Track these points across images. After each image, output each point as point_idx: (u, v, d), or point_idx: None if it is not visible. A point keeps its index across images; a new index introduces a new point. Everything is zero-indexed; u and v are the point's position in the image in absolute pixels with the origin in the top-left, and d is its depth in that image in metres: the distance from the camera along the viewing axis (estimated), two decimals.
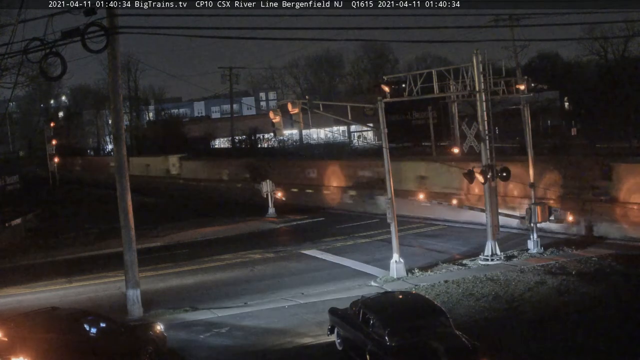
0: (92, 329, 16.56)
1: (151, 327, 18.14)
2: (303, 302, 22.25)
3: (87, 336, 16.41)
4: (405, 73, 29.73)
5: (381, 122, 25.11)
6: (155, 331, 17.98)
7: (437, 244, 30.42)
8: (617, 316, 18.44)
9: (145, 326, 18.32)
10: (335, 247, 31.22)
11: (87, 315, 17.37)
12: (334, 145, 65.76)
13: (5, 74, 35.77)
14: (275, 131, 27.65)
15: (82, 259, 32.61)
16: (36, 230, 41.30)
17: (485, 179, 25.49)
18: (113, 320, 17.62)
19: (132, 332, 17.55)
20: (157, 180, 69.35)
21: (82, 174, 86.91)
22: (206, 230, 38.32)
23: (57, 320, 16.93)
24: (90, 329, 16.53)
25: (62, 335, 16.09)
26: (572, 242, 27.91)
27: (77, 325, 16.59)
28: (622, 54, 72.95)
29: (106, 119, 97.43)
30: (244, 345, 18.59)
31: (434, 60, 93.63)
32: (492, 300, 20.77)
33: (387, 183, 25.22)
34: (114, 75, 20.44)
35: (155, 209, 48.54)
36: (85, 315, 17.48)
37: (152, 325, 18.33)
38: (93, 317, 17.25)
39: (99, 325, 16.74)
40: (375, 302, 16.85)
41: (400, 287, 22.93)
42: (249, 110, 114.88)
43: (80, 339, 16.27)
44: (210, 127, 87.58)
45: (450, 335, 15.04)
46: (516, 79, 27.92)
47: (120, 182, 20.38)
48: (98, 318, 17.21)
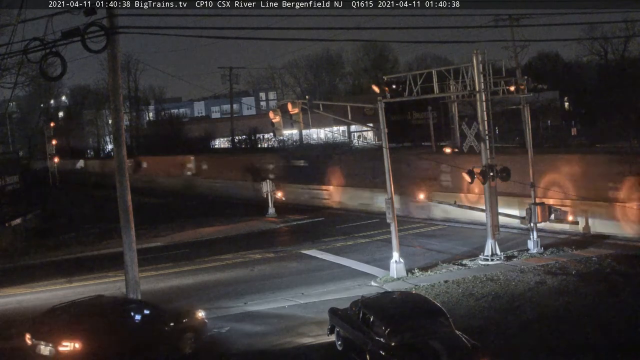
0: (136, 315, 17.32)
1: (192, 314, 18.67)
2: (303, 302, 22.26)
3: (131, 322, 17.17)
4: (405, 73, 29.74)
5: (381, 122, 25.10)
6: (197, 318, 18.59)
7: (437, 244, 30.43)
8: (617, 316, 18.43)
9: (187, 313, 18.82)
10: (335, 247, 31.23)
11: (131, 303, 18.34)
12: (334, 145, 65.71)
13: (5, 74, 35.84)
14: (275, 131, 27.67)
15: (82, 259, 32.61)
16: (36, 230, 41.29)
17: (485, 179, 25.49)
18: (156, 307, 18.25)
19: (174, 319, 18.08)
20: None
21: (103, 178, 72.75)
22: (206, 230, 38.34)
23: (102, 307, 17.80)
24: (134, 315, 17.29)
25: (108, 321, 16.85)
26: (572, 242, 27.92)
27: (122, 311, 17.43)
28: (622, 54, 73.06)
29: (106, 119, 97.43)
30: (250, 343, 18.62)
31: (434, 60, 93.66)
32: (492, 300, 20.77)
33: (387, 183, 25.21)
34: (114, 75, 20.41)
35: (156, 209, 48.56)
36: (130, 302, 18.55)
37: (194, 312, 18.83)
38: (137, 304, 18.14)
39: (142, 311, 17.49)
40: (375, 302, 16.85)
41: (400, 287, 22.93)
42: (249, 110, 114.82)
43: (124, 324, 17.02)
44: (210, 127, 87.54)
45: (450, 335, 15.04)
46: (516, 79, 27.89)
47: (121, 182, 20.35)
48: (141, 305, 18.05)
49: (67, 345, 15.77)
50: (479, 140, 25.97)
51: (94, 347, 15.98)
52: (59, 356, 15.75)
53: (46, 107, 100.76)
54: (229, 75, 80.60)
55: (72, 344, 15.77)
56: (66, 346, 15.77)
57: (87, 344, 15.87)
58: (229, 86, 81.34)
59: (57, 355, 15.76)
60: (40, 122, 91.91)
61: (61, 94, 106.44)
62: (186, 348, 17.82)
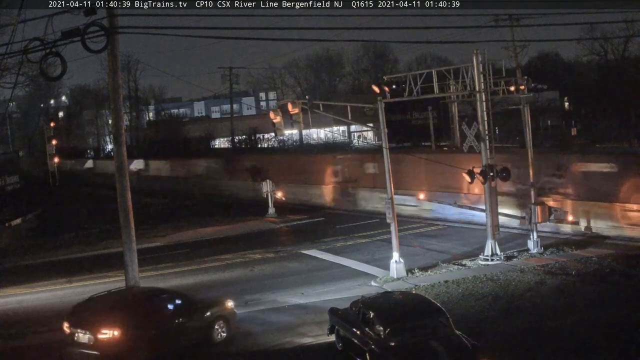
0: (169, 305, 18.00)
1: (222, 303, 19.32)
2: (303, 302, 22.26)
3: (165, 310, 17.84)
4: (405, 73, 29.75)
5: (381, 122, 25.10)
6: (226, 307, 19.22)
7: (437, 244, 30.42)
8: (617, 316, 18.43)
9: (217, 302, 19.46)
10: (335, 247, 31.22)
11: (163, 293, 18.99)
12: (334, 145, 65.73)
13: (5, 74, 35.86)
14: (276, 131, 27.66)
15: (82, 259, 32.62)
16: (36, 230, 41.29)
17: (485, 179, 25.49)
18: (187, 297, 18.97)
19: (205, 308, 18.69)
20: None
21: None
22: (206, 230, 38.34)
23: (138, 297, 18.86)
24: (167, 304, 17.98)
25: (143, 310, 17.69)
26: (572, 242, 27.91)
27: (156, 300, 18.17)
28: (622, 54, 73.04)
29: (106, 119, 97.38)
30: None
31: (434, 60, 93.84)
32: (492, 300, 20.77)
33: (387, 183, 25.21)
34: (114, 76, 20.42)
35: (156, 209, 48.55)
36: (162, 292, 19.26)
37: (224, 302, 19.48)
38: (169, 294, 18.75)
39: (174, 301, 18.17)
40: (375, 302, 16.84)
41: (400, 287, 22.93)
42: (249, 110, 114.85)
43: (158, 313, 17.72)
44: (210, 127, 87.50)
45: (450, 335, 15.04)
46: (516, 79, 27.91)
47: (120, 182, 20.37)
48: (173, 294, 18.71)
49: (107, 333, 16.50)
50: (479, 140, 25.97)
51: (131, 335, 16.73)
52: (98, 343, 16.46)
53: (46, 107, 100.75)
54: (229, 75, 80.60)
55: (111, 332, 16.50)
56: (105, 334, 16.50)
57: (125, 332, 16.62)
58: (229, 86, 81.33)
59: (97, 342, 16.47)
60: (40, 122, 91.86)
61: (61, 94, 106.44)
62: (217, 337, 18.58)
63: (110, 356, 16.41)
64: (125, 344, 16.56)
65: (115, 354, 16.41)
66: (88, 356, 16.56)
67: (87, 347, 16.57)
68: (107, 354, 16.40)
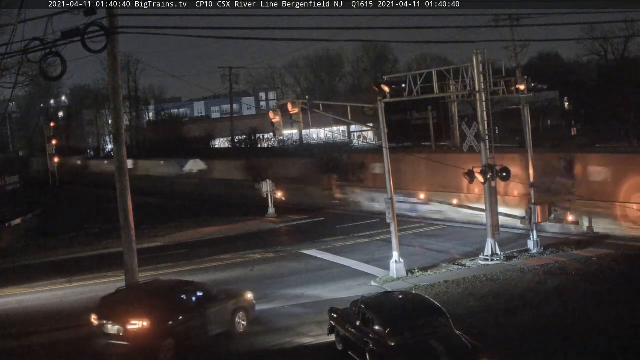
0: (193, 296, 18.60)
1: (242, 295, 20.15)
2: (303, 302, 22.26)
3: (190, 302, 18.41)
4: (405, 73, 29.69)
5: (381, 122, 25.10)
6: (246, 299, 20.03)
7: (437, 244, 30.43)
8: (617, 316, 18.43)
9: (238, 294, 20.22)
10: (335, 247, 31.22)
11: (188, 284, 19.55)
12: (334, 145, 65.62)
13: (5, 74, 35.88)
14: (275, 131, 27.66)
15: (82, 259, 32.61)
16: (36, 230, 41.27)
17: (485, 179, 25.49)
18: (210, 288, 19.74)
19: (226, 299, 19.37)
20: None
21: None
22: (206, 230, 38.34)
23: (164, 288, 19.41)
24: (191, 296, 18.58)
25: (169, 301, 18.20)
26: (572, 242, 27.91)
27: (181, 292, 18.70)
28: (622, 54, 72.96)
29: (106, 119, 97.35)
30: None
31: (434, 60, 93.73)
32: (492, 300, 20.77)
33: (387, 183, 25.20)
34: (114, 76, 20.42)
35: (156, 209, 48.52)
36: (186, 284, 19.74)
37: (244, 293, 20.31)
38: (193, 285, 19.41)
39: (198, 292, 18.81)
40: (375, 302, 16.85)
41: (400, 287, 22.92)
42: (249, 110, 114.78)
43: (184, 304, 18.29)
44: (210, 127, 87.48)
45: (450, 335, 15.03)
46: (516, 79, 27.93)
47: (120, 182, 20.38)
48: (197, 286, 19.46)
49: (136, 324, 16.96)
50: (479, 140, 25.97)
51: (160, 326, 17.24)
52: (127, 334, 16.92)
53: (46, 107, 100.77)
54: (229, 75, 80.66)
55: (140, 322, 16.97)
56: (135, 324, 16.95)
57: (154, 323, 17.10)
58: (229, 86, 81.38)
59: (126, 333, 16.94)
60: (40, 122, 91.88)
61: (61, 94, 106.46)
62: (239, 328, 19.33)
63: (139, 347, 16.84)
64: (154, 334, 17.06)
65: (144, 345, 16.87)
66: (118, 347, 17.00)
67: (117, 338, 17.02)
68: (136, 345, 16.84)
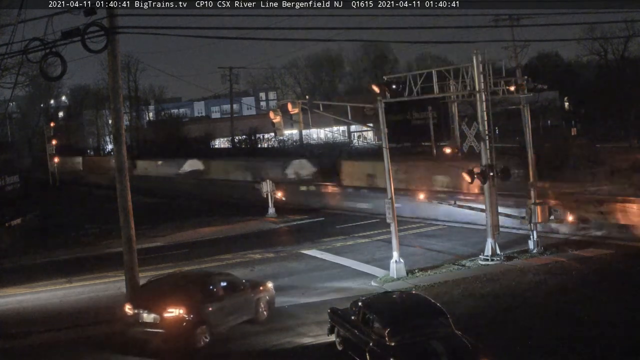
0: (221, 285, 19.30)
1: (264, 285, 20.90)
2: (303, 302, 22.27)
3: (219, 290, 19.09)
4: (405, 73, 29.69)
5: (381, 122, 25.10)
6: (268, 289, 20.78)
7: (437, 244, 30.42)
8: (617, 316, 18.43)
9: (260, 283, 21.03)
10: (335, 247, 31.22)
11: (216, 274, 20.60)
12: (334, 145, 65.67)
13: (5, 74, 35.88)
14: (276, 131, 27.69)
15: (82, 259, 32.58)
16: (36, 230, 41.26)
17: (485, 179, 25.49)
18: (236, 278, 20.56)
19: (250, 289, 20.07)
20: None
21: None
22: (206, 230, 38.33)
23: (196, 278, 20.46)
24: (220, 285, 19.28)
25: (202, 290, 18.90)
26: (572, 242, 27.90)
27: (210, 281, 19.50)
28: (622, 54, 72.98)
29: (106, 119, 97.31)
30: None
31: (434, 60, 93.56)
32: (492, 300, 20.77)
33: (387, 183, 25.19)
34: (114, 76, 20.41)
35: (156, 209, 48.51)
36: (215, 274, 20.85)
37: (265, 283, 21.07)
38: (221, 275, 20.40)
39: (223, 281, 19.56)
40: (375, 302, 16.84)
41: (400, 287, 22.90)
42: (249, 110, 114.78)
43: (214, 293, 18.95)
44: (210, 127, 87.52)
45: (450, 335, 15.03)
46: (516, 79, 27.88)
47: (121, 182, 20.37)
48: (222, 275, 20.39)
49: (172, 312, 17.58)
50: (479, 140, 25.97)
51: (194, 313, 17.85)
52: (163, 322, 17.53)
53: (46, 107, 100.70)
54: (229, 75, 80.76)
55: (177, 310, 17.61)
56: (171, 312, 17.58)
57: (189, 310, 17.75)
58: (229, 86, 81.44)
59: (162, 321, 17.54)
60: (40, 122, 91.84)
61: (61, 94, 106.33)
62: (262, 315, 20.11)
63: (175, 334, 17.46)
64: (189, 322, 17.67)
65: (180, 332, 17.50)
66: (154, 334, 17.60)
67: (153, 326, 17.61)
68: (172, 332, 17.44)
